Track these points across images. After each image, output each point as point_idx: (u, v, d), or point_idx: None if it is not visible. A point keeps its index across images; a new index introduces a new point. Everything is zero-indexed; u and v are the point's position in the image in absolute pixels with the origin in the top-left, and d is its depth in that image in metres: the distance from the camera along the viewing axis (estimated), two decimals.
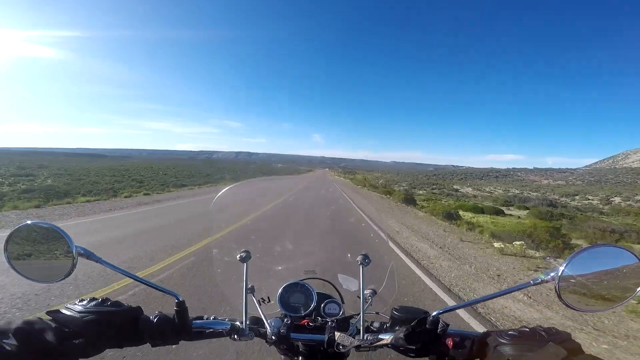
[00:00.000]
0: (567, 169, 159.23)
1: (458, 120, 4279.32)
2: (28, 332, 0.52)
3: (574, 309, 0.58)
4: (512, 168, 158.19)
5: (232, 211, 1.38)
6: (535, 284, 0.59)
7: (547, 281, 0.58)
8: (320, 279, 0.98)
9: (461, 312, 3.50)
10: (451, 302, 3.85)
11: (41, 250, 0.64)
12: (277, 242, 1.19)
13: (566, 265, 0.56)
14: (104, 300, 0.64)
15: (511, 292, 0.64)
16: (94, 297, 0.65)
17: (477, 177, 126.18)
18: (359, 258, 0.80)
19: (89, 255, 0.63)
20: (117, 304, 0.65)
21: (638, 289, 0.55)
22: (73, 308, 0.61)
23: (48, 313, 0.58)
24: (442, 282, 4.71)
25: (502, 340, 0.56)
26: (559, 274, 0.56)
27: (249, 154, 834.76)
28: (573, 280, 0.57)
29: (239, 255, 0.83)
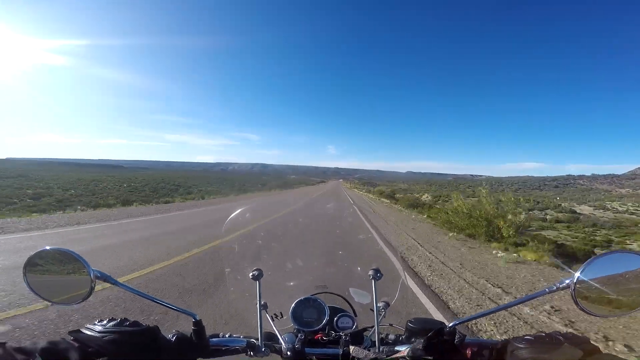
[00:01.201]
0: (635, 173, 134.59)
1: (474, 128, 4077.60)
2: (53, 352, 0.54)
3: (590, 314, 0.59)
4: (569, 175, 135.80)
5: None
6: (550, 292, 0.60)
7: (563, 288, 0.59)
8: (331, 293, 1.00)
9: None
10: None
11: (60, 274, 0.68)
12: None
13: (582, 271, 0.57)
14: (123, 320, 0.65)
15: (527, 300, 0.66)
16: (113, 317, 0.66)
17: (534, 187, 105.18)
18: (371, 272, 0.81)
19: (106, 278, 0.67)
20: (135, 323, 0.65)
21: None
22: (93, 328, 0.62)
23: (70, 333, 0.60)
24: None
25: (519, 345, 0.56)
26: (575, 281, 0.57)
27: (264, 165, 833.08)
28: (589, 287, 0.57)
29: (251, 274, 0.85)
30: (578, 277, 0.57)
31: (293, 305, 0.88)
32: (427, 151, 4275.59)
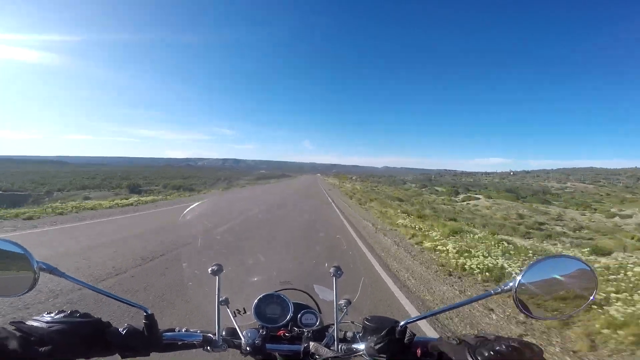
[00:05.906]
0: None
1: (445, 124, 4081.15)
2: None
3: (532, 317, 0.62)
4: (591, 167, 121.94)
5: None
6: (495, 294, 0.62)
7: (506, 291, 0.61)
8: (296, 289, 0.98)
9: None
10: None
11: (0, 266, 0.63)
12: None
13: (523, 275, 0.60)
14: (73, 312, 0.64)
15: (474, 301, 0.70)
16: (62, 310, 0.65)
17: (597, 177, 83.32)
18: (332, 270, 0.80)
19: (51, 270, 0.62)
20: (86, 315, 0.65)
21: (591, 297, 0.59)
22: (40, 319, 0.61)
23: (12, 323, 0.58)
24: None
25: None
26: (516, 284, 0.59)
27: (236, 160, 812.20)
28: (530, 290, 0.60)
29: (210, 269, 0.82)
30: (519, 280, 0.59)
31: (256, 301, 0.86)
32: (402, 147, 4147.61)
